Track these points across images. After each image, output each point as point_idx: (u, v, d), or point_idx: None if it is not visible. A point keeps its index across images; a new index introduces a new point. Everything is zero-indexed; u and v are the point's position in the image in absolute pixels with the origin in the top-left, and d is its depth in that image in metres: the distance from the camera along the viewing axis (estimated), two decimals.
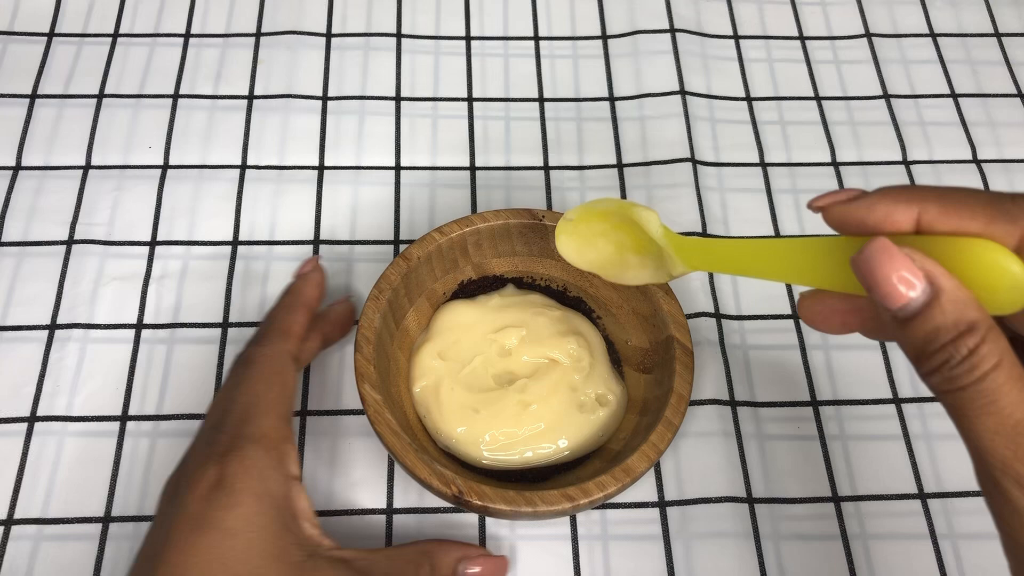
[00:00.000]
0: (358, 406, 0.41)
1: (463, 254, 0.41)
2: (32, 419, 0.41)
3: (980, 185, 0.50)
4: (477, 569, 0.34)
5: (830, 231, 0.27)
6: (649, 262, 0.36)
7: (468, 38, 0.54)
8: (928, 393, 0.43)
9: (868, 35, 0.56)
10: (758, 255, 0.30)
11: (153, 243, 0.46)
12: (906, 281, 0.24)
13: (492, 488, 0.34)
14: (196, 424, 0.41)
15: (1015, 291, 0.23)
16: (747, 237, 0.29)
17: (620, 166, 0.50)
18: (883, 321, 0.25)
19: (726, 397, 0.43)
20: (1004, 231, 0.23)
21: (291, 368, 0.35)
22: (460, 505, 0.34)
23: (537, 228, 0.41)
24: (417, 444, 0.35)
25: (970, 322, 0.23)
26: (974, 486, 0.41)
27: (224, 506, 0.30)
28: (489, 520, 0.39)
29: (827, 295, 0.28)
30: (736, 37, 0.55)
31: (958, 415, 0.24)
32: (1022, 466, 0.23)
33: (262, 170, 0.49)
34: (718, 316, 0.45)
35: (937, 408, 0.43)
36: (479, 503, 0.33)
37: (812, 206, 0.27)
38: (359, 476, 0.40)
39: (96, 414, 0.41)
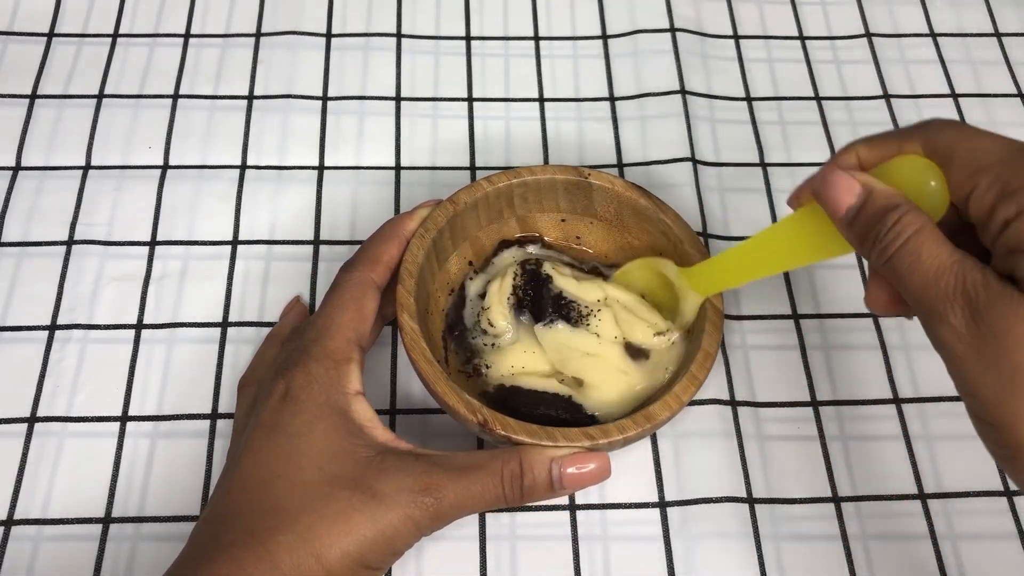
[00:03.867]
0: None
1: (508, 205, 0.42)
2: (32, 419, 0.41)
3: None
4: (580, 468, 0.34)
5: None
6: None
7: (468, 38, 0.54)
8: (928, 393, 0.43)
9: (868, 35, 0.56)
10: (750, 256, 0.37)
11: (153, 243, 0.46)
12: (848, 191, 0.30)
13: (515, 420, 0.35)
14: (196, 424, 0.41)
15: (935, 184, 0.29)
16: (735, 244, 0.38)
17: (620, 166, 0.50)
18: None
19: (726, 397, 0.43)
20: (911, 146, 0.30)
21: (370, 294, 0.37)
22: (484, 434, 0.35)
23: (582, 185, 0.42)
24: (447, 374, 0.37)
25: (894, 204, 0.29)
26: (974, 487, 0.41)
27: (290, 413, 0.34)
28: (489, 518, 0.39)
29: (875, 288, 0.32)
30: (736, 37, 0.55)
31: (896, 279, 0.29)
32: (943, 304, 0.27)
33: (262, 170, 0.49)
34: None
35: (937, 408, 0.43)
36: (502, 432, 0.34)
37: (791, 199, 0.34)
38: None
39: (96, 414, 0.41)
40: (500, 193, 0.41)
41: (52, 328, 0.43)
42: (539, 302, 0.40)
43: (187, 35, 0.53)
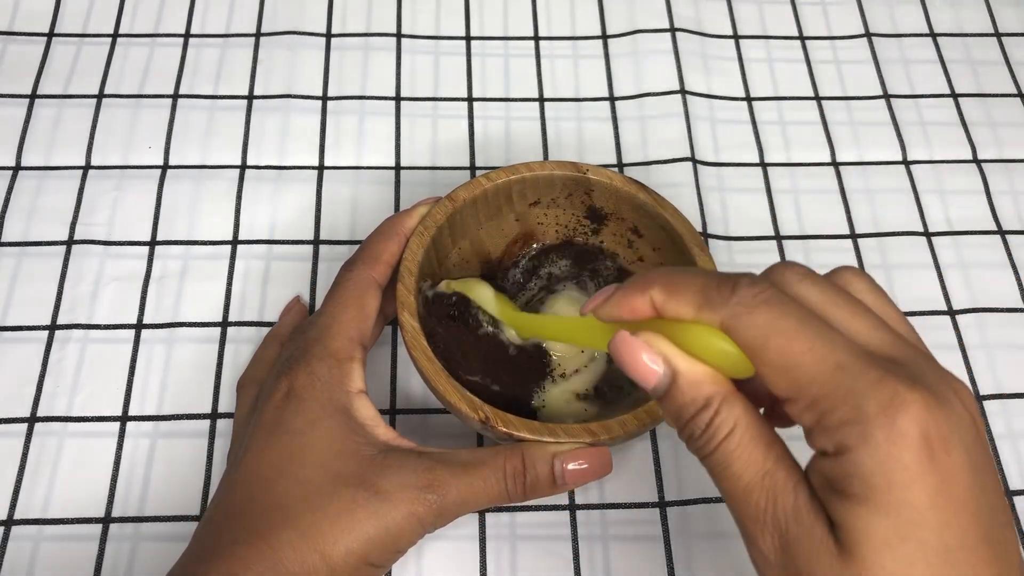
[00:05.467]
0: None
1: (507, 202, 0.42)
2: (32, 419, 0.41)
3: (980, 186, 0.50)
4: (581, 464, 0.34)
5: None
6: None
7: (468, 38, 0.54)
8: None
9: (868, 35, 0.56)
10: (551, 327, 0.37)
11: (153, 243, 0.46)
12: (650, 371, 0.26)
13: (517, 418, 0.35)
14: (196, 424, 0.41)
15: (736, 363, 0.25)
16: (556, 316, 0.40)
17: (620, 166, 0.50)
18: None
19: None
20: (709, 317, 0.25)
21: (372, 293, 0.37)
22: (486, 431, 0.35)
23: (580, 181, 0.42)
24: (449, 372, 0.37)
25: (706, 397, 0.26)
26: None
27: (293, 412, 0.34)
28: (489, 518, 0.39)
29: None
30: (736, 37, 0.55)
31: (712, 476, 0.26)
32: (752, 525, 0.25)
33: (262, 170, 0.49)
34: None
35: None
36: (504, 429, 0.34)
37: (582, 311, 0.30)
38: None
39: (96, 414, 0.41)
40: (499, 190, 0.41)
41: (52, 328, 0.43)
42: None
43: (187, 35, 0.53)
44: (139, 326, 0.44)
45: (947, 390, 0.23)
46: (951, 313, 0.46)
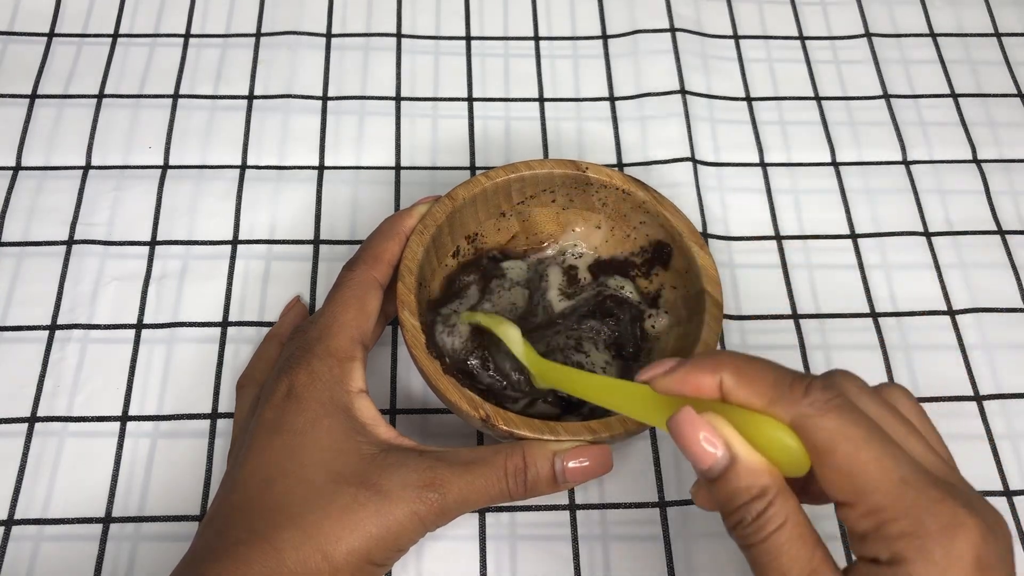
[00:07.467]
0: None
1: (507, 200, 0.42)
2: (32, 419, 0.41)
3: (980, 186, 0.50)
4: (582, 461, 0.34)
5: None
6: None
7: (468, 38, 0.54)
8: (929, 393, 0.43)
9: (868, 35, 0.56)
10: (593, 387, 0.35)
11: (153, 243, 0.46)
12: (709, 444, 0.27)
13: (518, 416, 0.35)
14: (196, 424, 0.41)
15: (795, 459, 0.26)
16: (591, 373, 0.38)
17: (620, 166, 0.50)
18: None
19: None
20: (780, 412, 0.26)
21: (373, 293, 0.37)
22: (487, 429, 0.35)
23: (580, 180, 0.42)
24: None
25: (761, 487, 0.26)
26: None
27: (293, 411, 0.34)
28: (489, 518, 0.39)
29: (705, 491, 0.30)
30: (736, 37, 0.55)
31: (753, 566, 0.27)
32: None
33: (262, 170, 0.49)
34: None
35: (937, 409, 0.43)
36: (505, 428, 0.34)
37: (637, 379, 0.30)
38: None
39: (96, 414, 0.41)
40: (498, 188, 0.41)
41: (52, 328, 0.43)
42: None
43: (187, 35, 0.53)
44: (139, 326, 0.44)
45: (994, 518, 0.25)
46: (951, 313, 0.46)
